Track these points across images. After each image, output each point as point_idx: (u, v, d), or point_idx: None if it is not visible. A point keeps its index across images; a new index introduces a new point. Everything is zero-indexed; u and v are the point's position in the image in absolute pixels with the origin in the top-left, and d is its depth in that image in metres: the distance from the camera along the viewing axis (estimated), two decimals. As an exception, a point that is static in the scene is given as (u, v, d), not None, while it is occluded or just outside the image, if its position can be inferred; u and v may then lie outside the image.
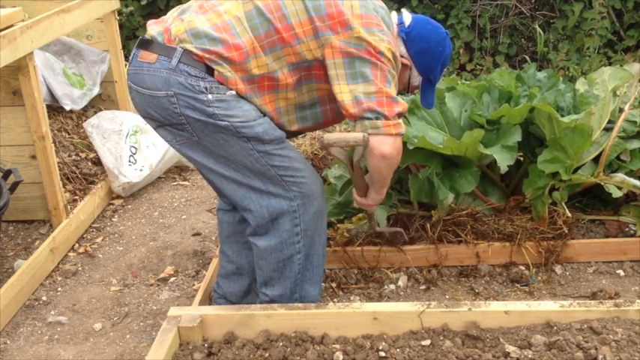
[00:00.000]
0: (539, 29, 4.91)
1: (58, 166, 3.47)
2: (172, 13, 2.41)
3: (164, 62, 2.27)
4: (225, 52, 2.24)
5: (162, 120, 2.34)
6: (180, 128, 2.32)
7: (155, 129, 2.42)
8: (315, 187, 2.45)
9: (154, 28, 2.38)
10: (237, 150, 2.32)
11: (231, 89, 2.28)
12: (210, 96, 2.25)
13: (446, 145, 2.87)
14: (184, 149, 2.40)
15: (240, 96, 2.29)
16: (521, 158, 3.24)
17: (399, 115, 2.31)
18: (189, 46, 2.25)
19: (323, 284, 2.98)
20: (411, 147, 2.86)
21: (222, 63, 2.25)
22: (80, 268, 3.26)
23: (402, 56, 2.49)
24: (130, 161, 3.89)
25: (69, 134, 3.95)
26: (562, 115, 2.97)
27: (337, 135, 2.33)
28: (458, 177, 2.93)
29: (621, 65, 3.71)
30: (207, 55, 2.24)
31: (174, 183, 4.09)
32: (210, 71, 2.26)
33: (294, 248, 2.46)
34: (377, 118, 2.26)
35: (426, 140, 2.83)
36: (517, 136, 2.87)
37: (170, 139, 2.40)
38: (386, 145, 2.29)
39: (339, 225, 3.08)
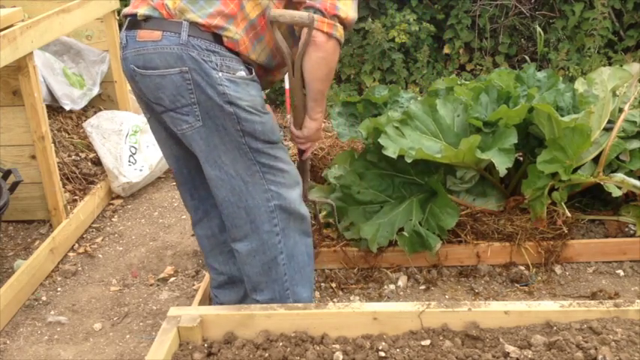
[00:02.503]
0: (539, 29, 4.91)
1: (58, 166, 3.47)
2: None
3: (172, 38, 2.21)
4: (224, 7, 2.22)
5: (169, 103, 2.27)
6: (186, 112, 2.27)
7: (160, 114, 2.35)
8: (293, 190, 2.44)
9: (141, 7, 2.27)
10: (230, 139, 2.30)
11: (240, 67, 2.28)
12: (220, 74, 2.22)
13: (443, 154, 2.87)
14: (185, 138, 2.34)
15: (247, 78, 2.30)
16: (521, 158, 3.24)
17: (339, 19, 2.28)
18: (192, 17, 2.20)
19: (323, 284, 2.98)
20: (409, 160, 2.86)
21: (227, 26, 2.22)
22: (80, 268, 3.26)
23: None
24: (129, 161, 3.89)
25: (69, 134, 3.96)
26: (561, 115, 2.97)
27: (284, 10, 2.30)
28: (439, 213, 2.93)
29: (621, 65, 3.70)
30: (213, 23, 2.21)
31: (174, 183, 4.09)
32: (218, 40, 2.23)
33: (276, 249, 2.44)
34: (314, 13, 2.25)
35: (423, 152, 2.83)
36: (513, 138, 2.87)
37: (171, 126, 2.34)
38: (318, 38, 2.27)
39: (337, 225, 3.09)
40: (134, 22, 2.29)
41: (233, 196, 2.38)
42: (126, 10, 2.34)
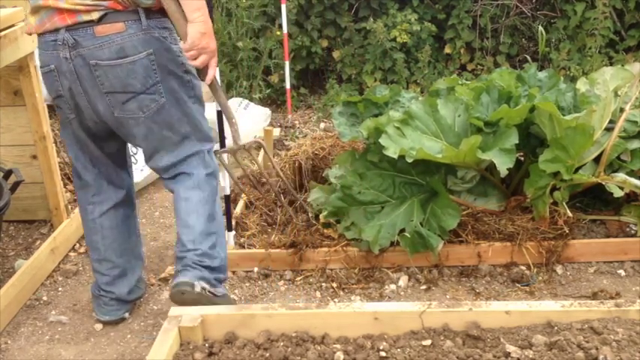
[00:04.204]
0: (541, 29, 4.91)
1: (59, 166, 3.47)
2: None
3: (135, 26, 2.37)
4: None
5: (140, 87, 2.41)
6: (153, 90, 2.43)
7: (123, 104, 2.44)
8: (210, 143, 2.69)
9: (86, 15, 2.34)
10: (188, 106, 2.53)
11: (177, 35, 2.49)
12: (176, 47, 2.46)
13: (444, 154, 2.87)
14: (148, 120, 2.47)
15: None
16: (522, 158, 3.24)
17: None
18: (144, 4, 2.36)
19: (324, 284, 3.00)
20: (409, 160, 2.86)
21: None
22: (81, 268, 3.26)
23: None
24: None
25: (70, 134, 3.96)
26: (563, 115, 2.97)
27: None
28: (440, 213, 2.93)
29: (622, 65, 3.70)
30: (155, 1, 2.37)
31: (175, 183, 4.09)
32: (164, 13, 2.40)
33: (218, 202, 2.66)
34: None
35: (424, 152, 2.83)
36: (514, 139, 2.87)
37: (137, 111, 2.45)
38: None
39: (338, 225, 3.09)
40: (86, 22, 2.36)
41: (195, 158, 2.60)
42: (52, 25, 2.38)
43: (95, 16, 2.34)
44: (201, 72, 2.48)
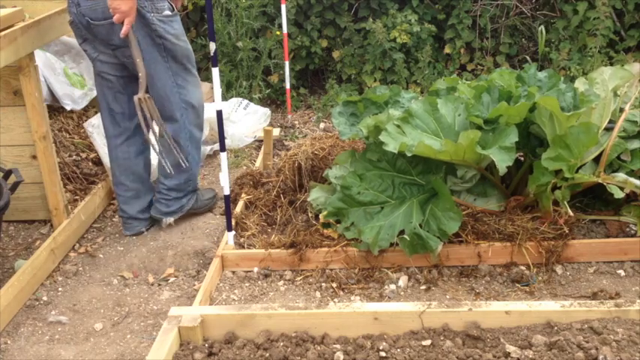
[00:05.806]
0: (541, 28, 4.91)
1: (59, 166, 3.47)
2: None
3: None
4: None
5: (119, 42, 3.01)
6: (128, 44, 2.95)
7: (113, 50, 3.08)
8: (199, 95, 3.30)
9: None
10: (160, 64, 3.08)
11: (165, 6, 3.03)
12: (151, 15, 2.98)
13: (444, 148, 2.87)
14: (132, 65, 3.05)
15: (171, 15, 3.09)
16: (522, 158, 3.24)
17: None
18: None
19: (324, 284, 3.00)
20: (409, 154, 2.86)
21: None
22: (81, 268, 3.26)
23: None
24: (130, 161, 3.88)
25: (69, 134, 3.96)
26: (563, 116, 2.97)
27: None
28: (441, 216, 2.92)
29: (622, 65, 3.70)
30: None
31: (175, 183, 4.08)
32: None
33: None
34: None
35: (424, 144, 2.83)
36: (514, 137, 2.86)
37: (122, 58, 3.08)
38: None
39: (337, 225, 3.09)
40: None
41: (157, 100, 3.13)
42: None
43: None
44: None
